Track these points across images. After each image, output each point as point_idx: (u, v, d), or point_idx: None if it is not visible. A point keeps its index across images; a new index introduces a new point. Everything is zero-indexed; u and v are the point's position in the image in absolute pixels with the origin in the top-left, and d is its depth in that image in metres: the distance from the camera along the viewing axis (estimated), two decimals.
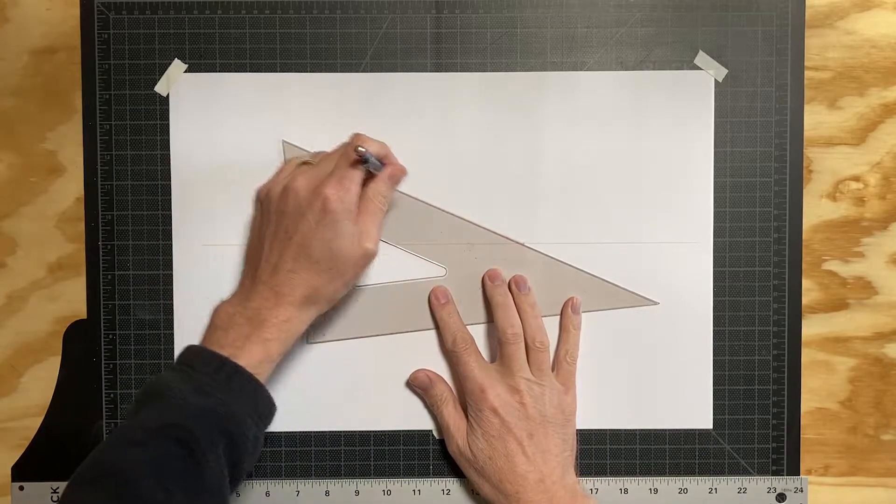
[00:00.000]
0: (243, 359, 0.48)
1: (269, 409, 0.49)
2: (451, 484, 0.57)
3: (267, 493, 0.57)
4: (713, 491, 0.57)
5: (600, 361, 0.57)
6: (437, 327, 0.56)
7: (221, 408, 0.46)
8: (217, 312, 0.50)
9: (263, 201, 0.52)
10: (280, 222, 0.50)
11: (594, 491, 0.57)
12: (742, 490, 0.57)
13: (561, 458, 0.53)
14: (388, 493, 0.57)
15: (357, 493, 0.57)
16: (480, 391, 0.53)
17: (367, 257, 0.50)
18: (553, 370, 0.55)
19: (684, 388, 0.57)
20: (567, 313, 0.56)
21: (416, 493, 0.57)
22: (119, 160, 0.57)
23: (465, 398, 0.54)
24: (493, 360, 0.56)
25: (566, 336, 0.56)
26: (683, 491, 0.56)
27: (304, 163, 0.53)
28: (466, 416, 0.54)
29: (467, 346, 0.55)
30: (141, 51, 0.56)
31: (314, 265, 0.49)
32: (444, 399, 0.55)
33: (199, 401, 0.46)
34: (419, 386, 0.56)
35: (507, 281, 0.56)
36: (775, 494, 0.57)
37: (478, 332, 0.57)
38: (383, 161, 0.52)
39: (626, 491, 0.56)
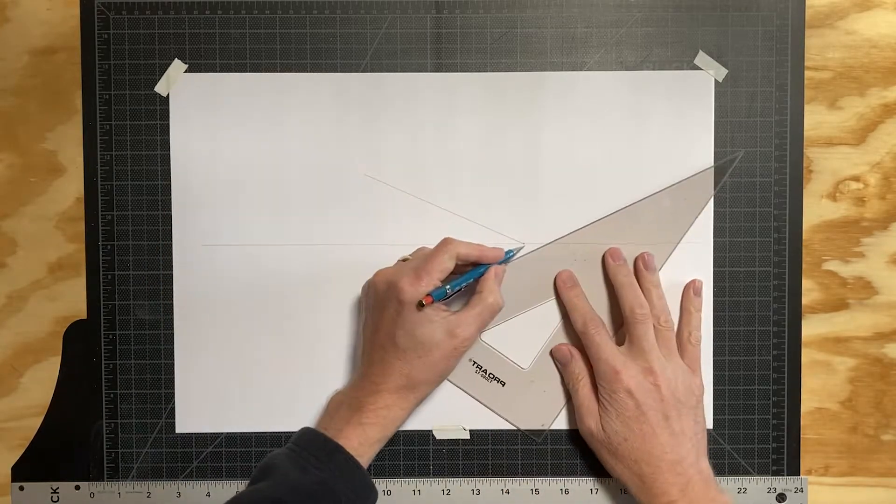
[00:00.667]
0: (342, 440, 0.50)
1: (365, 489, 0.51)
2: (451, 484, 0.57)
3: None
4: None
5: None
6: (563, 309, 0.56)
7: (320, 485, 0.49)
8: (330, 401, 0.55)
9: (362, 299, 0.56)
10: (369, 317, 0.54)
11: (593, 491, 0.57)
12: (742, 490, 0.57)
13: (694, 441, 0.53)
14: (388, 493, 0.57)
15: None
16: (614, 372, 0.53)
17: (459, 345, 0.52)
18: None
19: None
20: (689, 295, 0.56)
21: (416, 493, 0.57)
22: (119, 160, 0.57)
23: (597, 380, 0.54)
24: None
25: (688, 317, 0.56)
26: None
27: (403, 259, 0.55)
28: (597, 398, 0.54)
29: (598, 328, 0.55)
30: (141, 51, 0.56)
31: (402, 354, 0.51)
32: (581, 377, 0.55)
33: (302, 478, 0.49)
34: (559, 359, 0.56)
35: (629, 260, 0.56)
36: (775, 494, 0.57)
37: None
38: (480, 260, 0.54)
39: (626, 491, 0.56)
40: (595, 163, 0.57)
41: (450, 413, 0.57)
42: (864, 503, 0.59)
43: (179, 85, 0.57)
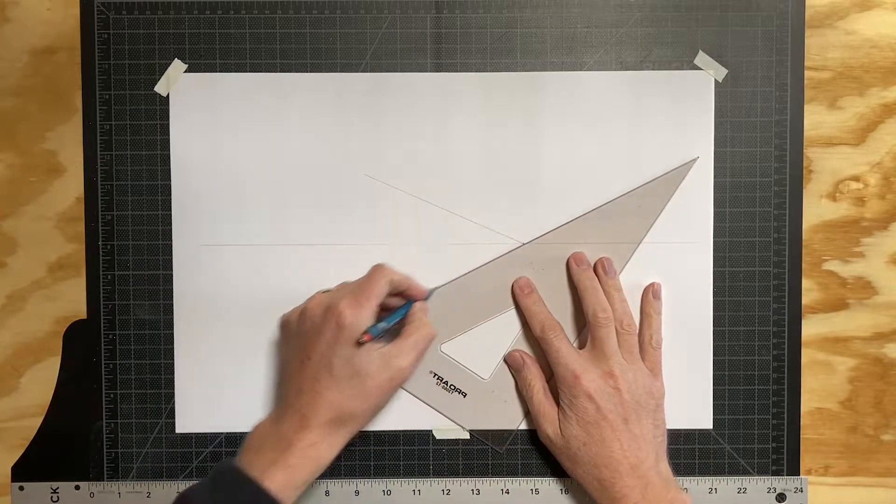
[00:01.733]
0: (266, 481, 0.47)
1: None
2: (451, 484, 0.57)
3: None
4: (713, 491, 0.57)
5: None
6: (522, 317, 0.56)
7: None
8: (252, 433, 0.51)
9: (283, 326, 0.54)
10: (299, 343, 0.52)
11: None
12: (742, 490, 0.57)
13: (654, 444, 0.53)
14: (388, 493, 0.57)
15: (357, 493, 0.57)
16: (574, 377, 0.53)
17: (395, 376, 0.51)
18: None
19: (684, 388, 0.57)
20: (648, 299, 0.56)
21: (416, 493, 0.57)
22: (119, 160, 0.57)
23: (557, 384, 0.54)
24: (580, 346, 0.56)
25: (648, 321, 0.56)
26: (683, 491, 0.56)
27: (324, 291, 0.54)
28: (557, 403, 0.54)
29: (556, 333, 0.55)
30: (141, 51, 0.56)
31: (336, 383, 0.49)
32: (534, 384, 0.55)
33: None
34: (512, 366, 0.56)
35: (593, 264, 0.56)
36: (775, 494, 0.57)
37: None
38: (407, 293, 0.54)
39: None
40: (595, 162, 0.57)
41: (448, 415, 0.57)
42: (863, 503, 0.59)
43: (179, 85, 0.57)
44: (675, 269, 0.57)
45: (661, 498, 0.51)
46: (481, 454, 0.57)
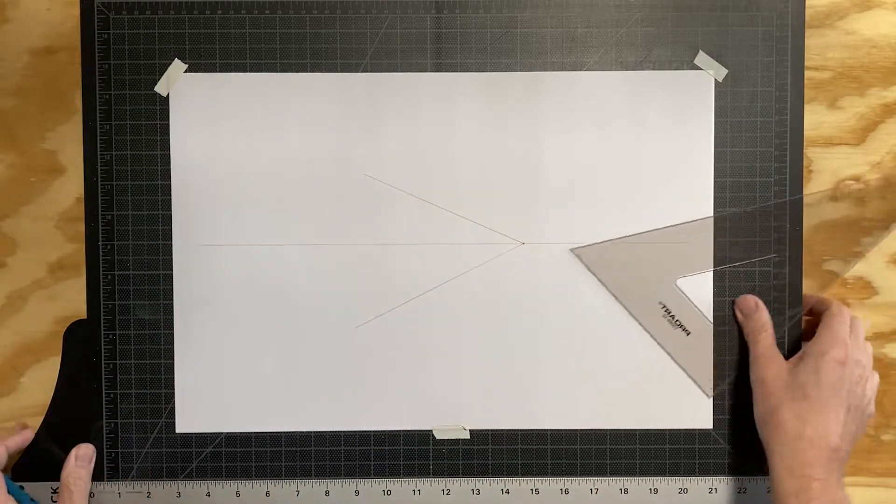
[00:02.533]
0: None
1: None
2: (451, 484, 0.57)
3: (267, 493, 0.57)
4: (713, 491, 0.57)
5: (600, 361, 0.57)
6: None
7: None
8: None
9: None
10: None
11: (594, 491, 0.57)
12: (742, 490, 0.57)
13: (848, 443, 0.52)
14: (388, 493, 0.57)
15: (357, 493, 0.57)
16: (842, 341, 0.53)
17: None
18: None
19: (684, 388, 0.57)
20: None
21: (416, 492, 0.57)
22: (119, 160, 0.57)
23: (819, 335, 0.54)
24: None
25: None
26: (683, 491, 0.56)
27: None
28: (780, 354, 0.55)
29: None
30: (141, 51, 0.56)
31: None
32: (766, 328, 0.56)
33: None
34: (743, 310, 0.57)
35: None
36: None
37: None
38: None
39: (626, 491, 0.56)
40: (595, 163, 0.57)
41: (450, 413, 0.57)
42: (863, 503, 0.58)
43: (179, 85, 0.57)
44: (675, 269, 0.57)
45: (835, 491, 0.50)
46: (481, 454, 0.57)
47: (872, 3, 0.57)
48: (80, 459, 0.56)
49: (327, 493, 0.57)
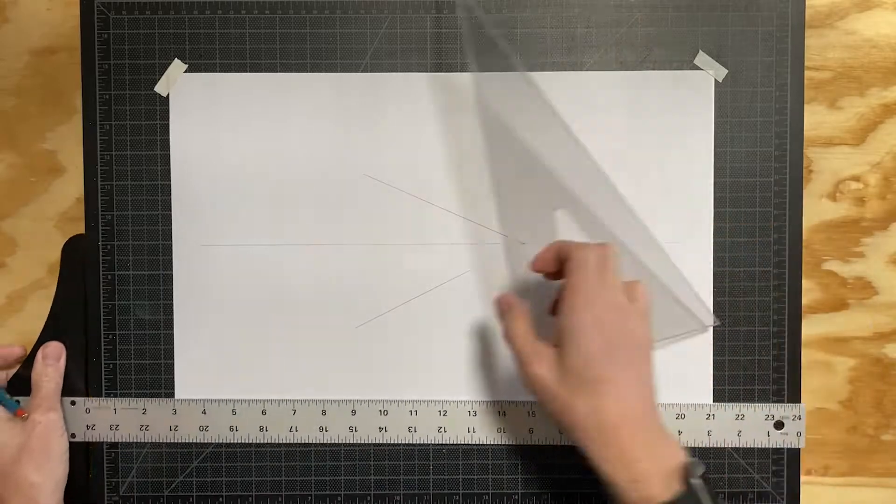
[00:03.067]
0: None
1: None
2: (448, 406, 0.57)
3: (263, 412, 0.57)
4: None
5: None
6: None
7: None
8: None
9: None
10: None
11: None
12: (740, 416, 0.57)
13: (654, 391, 0.47)
14: (385, 412, 0.57)
15: (353, 412, 0.57)
16: (587, 303, 0.46)
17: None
18: None
19: (685, 389, 0.57)
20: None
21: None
22: (119, 160, 0.57)
23: (564, 313, 0.47)
24: None
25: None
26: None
27: None
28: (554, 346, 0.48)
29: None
30: (141, 51, 0.56)
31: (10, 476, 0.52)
32: (516, 321, 0.49)
33: None
34: (498, 309, 0.51)
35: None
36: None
37: None
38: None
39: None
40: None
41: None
42: (864, 503, 0.59)
43: (179, 85, 0.57)
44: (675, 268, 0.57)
45: (661, 446, 0.46)
46: (481, 454, 0.57)
47: (872, 3, 0.57)
48: (47, 358, 0.55)
49: (324, 412, 0.57)
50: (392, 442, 0.57)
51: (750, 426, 0.56)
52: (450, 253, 0.57)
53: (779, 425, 0.57)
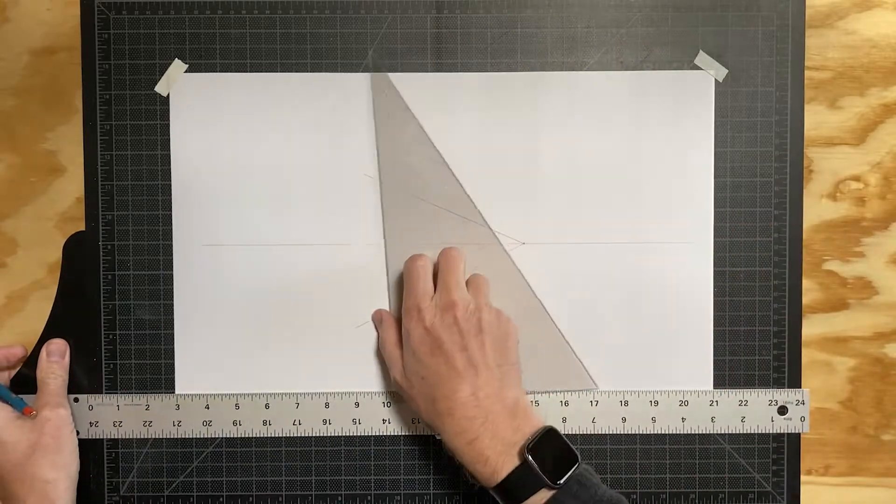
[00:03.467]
0: None
1: None
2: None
3: (267, 406, 0.57)
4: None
5: (599, 361, 0.57)
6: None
7: None
8: None
9: None
10: None
11: None
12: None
13: (498, 372, 0.51)
14: (388, 404, 0.57)
15: (357, 404, 0.57)
16: (417, 311, 0.52)
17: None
18: None
19: (685, 389, 0.57)
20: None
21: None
22: (119, 160, 0.57)
23: (403, 314, 0.53)
24: None
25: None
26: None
27: None
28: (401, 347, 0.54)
29: (422, 263, 0.54)
30: (141, 51, 0.56)
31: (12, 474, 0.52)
32: (388, 332, 0.55)
33: None
34: (375, 322, 0.57)
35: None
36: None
37: None
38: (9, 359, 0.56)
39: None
40: (595, 163, 0.57)
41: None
42: (863, 503, 0.59)
43: (179, 85, 0.57)
44: (675, 269, 0.57)
45: (507, 426, 0.49)
46: None
47: (872, 3, 0.57)
48: (52, 355, 0.56)
49: (327, 405, 0.57)
50: (394, 434, 0.57)
51: (753, 412, 0.56)
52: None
53: (782, 410, 0.57)
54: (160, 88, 0.57)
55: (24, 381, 0.56)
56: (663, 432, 0.57)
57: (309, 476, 0.57)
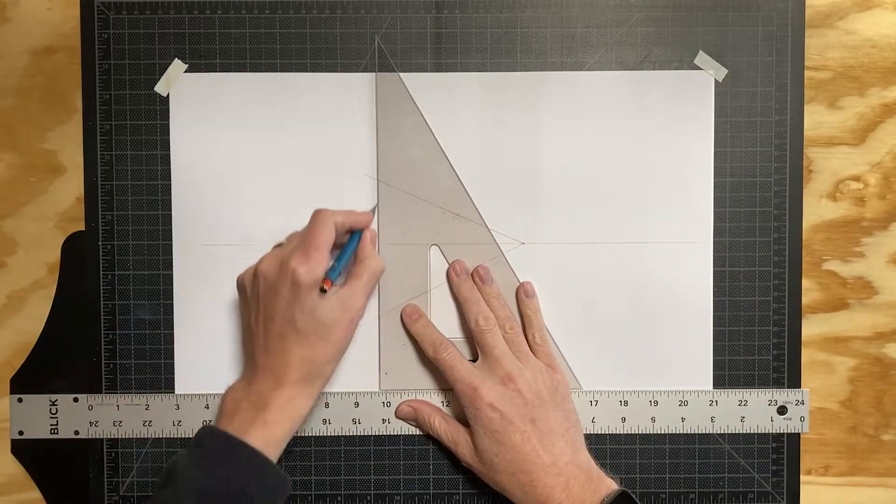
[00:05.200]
0: (248, 440, 0.48)
1: (277, 484, 0.48)
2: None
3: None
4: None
5: (599, 361, 0.57)
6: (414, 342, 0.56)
7: (228, 485, 0.46)
8: (224, 399, 0.51)
9: (240, 288, 0.53)
10: (259, 305, 0.51)
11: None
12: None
13: (567, 437, 0.52)
14: (388, 404, 0.57)
15: (357, 404, 0.57)
16: (473, 390, 0.52)
17: (354, 316, 0.51)
18: None
19: (685, 389, 0.57)
20: (522, 300, 0.56)
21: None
22: (119, 160, 0.57)
23: (460, 401, 0.54)
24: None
25: (529, 321, 0.56)
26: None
27: (277, 245, 0.54)
28: (467, 421, 0.54)
29: (449, 351, 0.54)
30: (141, 51, 0.56)
31: (304, 338, 0.49)
32: (431, 417, 0.55)
33: (207, 480, 0.46)
34: (407, 418, 0.57)
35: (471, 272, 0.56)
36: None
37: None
38: (354, 227, 0.53)
39: None
40: (595, 163, 0.57)
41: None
42: (863, 503, 0.59)
43: (179, 85, 0.57)
44: (675, 269, 0.57)
45: (585, 489, 0.51)
46: None
47: (872, 3, 0.57)
48: (372, 242, 0.54)
49: (327, 405, 0.57)
50: (394, 434, 0.57)
51: (753, 412, 0.57)
52: (450, 253, 0.57)
53: (782, 410, 0.57)
54: (160, 88, 0.57)
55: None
56: (663, 432, 0.57)
57: (309, 476, 0.57)
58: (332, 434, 0.57)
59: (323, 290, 0.50)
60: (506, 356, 0.53)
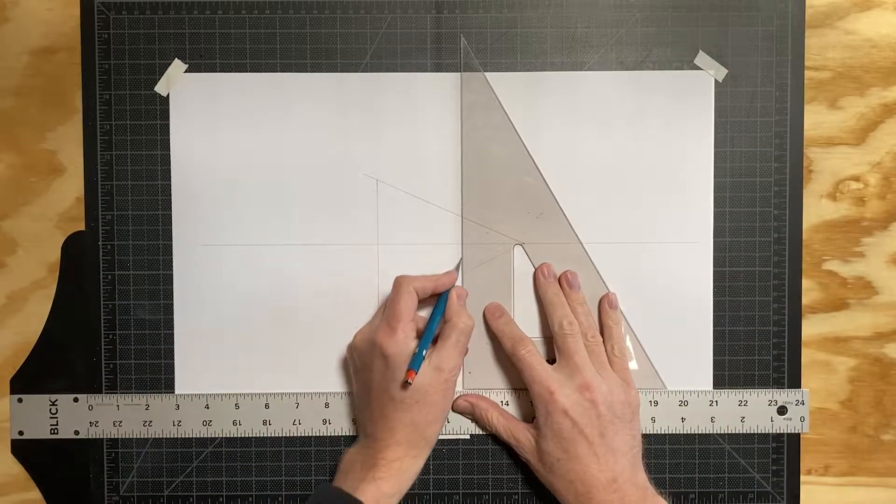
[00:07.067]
0: (358, 496, 0.50)
1: None
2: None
3: (266, 406, 0.57)
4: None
5: None
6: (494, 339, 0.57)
7: None
8: (342, 459, 0.54)
9: (349, 362, 0.56)
10: (359, 378, 0.55)
11: None
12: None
13: (630, 456, 0.52)
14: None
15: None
16: (549, 393, 0.52)
17: (449, 377, 0.52)
18: None
19: (685, 389, 0.57)
20: (605, 310, 0.56)
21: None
22: (119, 160, 0.57)
23: (533, 401, 0.53)
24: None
25: (609, 332, 0.56)
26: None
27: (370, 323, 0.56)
28: (533, 419, 0.54)
29: (528, 349, 0.54)
30: (141, 51, 0.56)
31: (401, 405, 0.52)
32: (488, 412, 0.55)
33: None
34: (464, 412, 0.57)
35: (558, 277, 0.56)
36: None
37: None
38: (437, 290, 0.55)
39: None
40: (595, 162, 0.57)
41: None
42: (863, 503, 0.59)
43: (179, 85, 0.57)
44: (675, 269, 0.57)
45: None
46: (481, 454, 0.57)
47: (872, 3, 0.57)
48: (461, 298, 0.55)
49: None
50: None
51: (753, 412, 0.57)
52: (449, 253, 0.57)
53: (782, 410, 0.57)
54: (160, 88, 0.57)
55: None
56: (663, 432, 0.57)
57: (309, 476, 0.57)
58: (332, 434, 0.57)
59: (407, 383, 0.51)
60: (586, 365, 0.53)
